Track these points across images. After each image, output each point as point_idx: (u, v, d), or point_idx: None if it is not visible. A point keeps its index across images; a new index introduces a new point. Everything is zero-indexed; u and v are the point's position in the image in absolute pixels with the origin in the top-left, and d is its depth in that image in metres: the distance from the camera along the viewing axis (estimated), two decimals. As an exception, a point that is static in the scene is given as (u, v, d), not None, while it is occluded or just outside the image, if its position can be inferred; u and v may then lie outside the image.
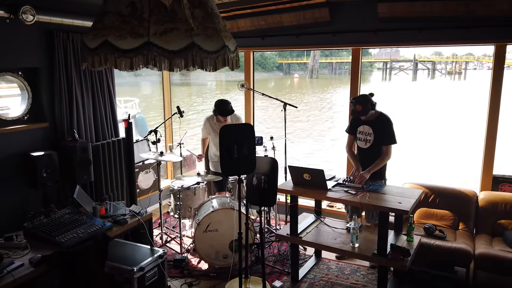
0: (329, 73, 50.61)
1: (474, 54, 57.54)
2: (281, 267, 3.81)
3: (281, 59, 47.39)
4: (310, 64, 42.86)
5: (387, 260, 3.12)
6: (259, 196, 2.71)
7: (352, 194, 3.34)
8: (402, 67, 54.12)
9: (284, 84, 40.62)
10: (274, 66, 47.56)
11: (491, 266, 3.32)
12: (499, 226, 3.69)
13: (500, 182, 3.96)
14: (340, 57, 53.39)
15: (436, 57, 55.76)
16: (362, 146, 3.82)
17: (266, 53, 44.88)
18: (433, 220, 3.90)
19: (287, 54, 47.28)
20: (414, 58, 51.79)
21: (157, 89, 20.09)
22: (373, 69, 56.89)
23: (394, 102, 22.67)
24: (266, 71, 44.98)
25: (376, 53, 61.53)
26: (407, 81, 46.18)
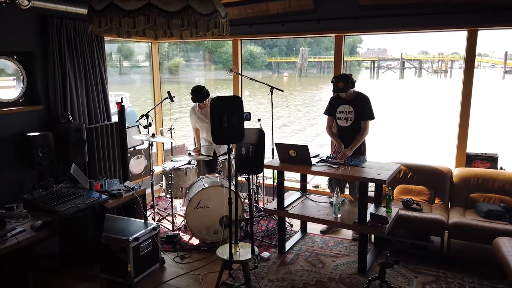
0: (317, 72, 51.05)
1: (460, 53, 58.62)
2: (269, 241, 4.01)
3: (270, 58, 47.61)
4: (298, 62, 43.17)
5: (367, 227, 3.35)
6: (247, 165, 2.90)
7: (335, 168, 3.56)
8: (390, 66, 54.83)
9: (274, 82, 40.92)
10: (263, 65, 47.76)
11: (463, 234, 3.57)
12: (471, 199, 3.95)
13: (473, 160, 4.22)
14: (329, 56, 53.93)
15: (423, 56, 56.70)
16: (343, 125, 4.04)
17: (255, 51, 45.09)
18: (411, 195, 4.14)
19: (275, 53, 47.57)
20: (401, 57, 52.50)
21: (148, 87, 20.13)
22: (361, 68, 57.58)
23: (382, 99, 23.21)
24: (255, 70, 45.16)
25: (364, 52, 62.31)
26: (394, 79, 46.85)
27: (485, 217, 3.64)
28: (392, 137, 12.45)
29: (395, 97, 24.67)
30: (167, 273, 3.48)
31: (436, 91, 28.47)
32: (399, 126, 14.57)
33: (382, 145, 11.59)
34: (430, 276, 3.34)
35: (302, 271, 3.47)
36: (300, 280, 3.31)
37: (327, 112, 4.17)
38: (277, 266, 3.55)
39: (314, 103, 22.73)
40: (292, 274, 3.41)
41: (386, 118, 16.68)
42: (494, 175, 3.94)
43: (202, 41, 34.63)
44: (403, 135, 13.03)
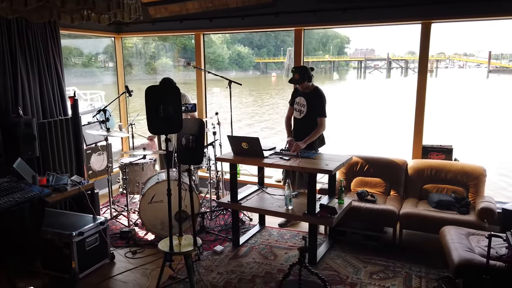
0: (305, 72, 51.15)
1: (446, 54, 59.44)
2: (225, 235, 3.98)
3: (258, 59, 47.68)
4: (286, 62, 43.17)
5: (316, 218, 3.34)
6: (188, 155, 2.87)
7: (286, 160, 3.55)
8: (377, 66, 55.26)
9: (262, 82, 40.92)
10: (251, 66, 47.81)
11: (414, 224, 3.59)
12: (425, 190, 3.98)
13: (429, 152, 4.24)
14: (316, 56, 54.20)
15: (409, 56, 57.25)
16: (297, 116, 4.05)
17: (243, 52, 45.13)
18: (368, 188, 4.15)
19: (264, 54, 47.65)
20: (387, 57, 52.93)
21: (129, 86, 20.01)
22: (349, 68, 57.99)
23: (368, 98, 23.47)
24: (243, 70, 45.16)
25: (352, 53, 62.75)
26: (381, 79, 47.25)
27: (435, 207, 3.66)
28: (369, 133, 12.77)
29: (381, 96, 24.90)
30: (115, 268, 3.43)
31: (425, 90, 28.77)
32: (377, 123, 14.78)
33: (355, 140, 11.87)
34: (379, 266, 3.34)
35: (253, 263, 3.45)
36: (250, 272, 3.29)
37: (290, 102, 4.20)
38: (229, 259, 3.53)
39: None
40: (243, 267, 3.39)
41: (365, 115, 16.89)
42: (447, 166, 3.96)
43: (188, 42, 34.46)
44: (380, 131, 13.24)
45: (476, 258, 2.69)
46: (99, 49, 30.88)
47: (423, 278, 3.14)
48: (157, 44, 33.70)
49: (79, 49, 26.57)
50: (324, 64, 53.92)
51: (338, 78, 47.73)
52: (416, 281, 3.11)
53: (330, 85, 36.62)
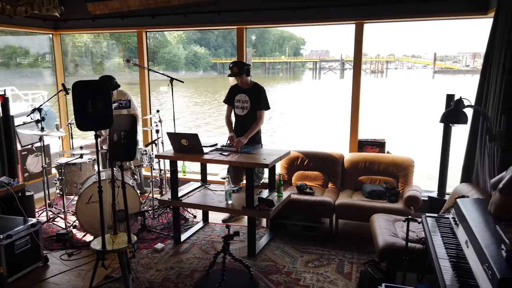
0: (262, 73, 51.78)
1: (395, 55, 62.34)
2: (167, 233, 3.97)
3: (215, 59, 47.48)
4: (243, 64, 43.32)
5: (254, 211, 3.42)
6: (120, 151, 2.84)
7: (225, 156, 3.60)
8: (331, 67, 56.84)
9: (219, 83, 40.84)
10: (208, 66, 47.53)
11: (348, 213, 3.77)
12: (360, 181, 4.19)
13: (364, 145, 4.47)
14: (273, 57, 54.88)
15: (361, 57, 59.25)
16: (240, 114, 4.11)
17: (199, 52, 44.78)
18: (308, 181, 4.31)
19: (221, 54, 47.54)
20: (341, 58, 54.56)
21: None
22: (305, 69, 59.26)
23: (321, 98, 24.14)
24: (199, 71, 44.79)
25: (308, 54, 64.16)
26: (335, 79, 48.69)
27: (368, 197, 3.87)
28: (320, 129, 13.16)
29: (333, 95, 25.68)
30: (49, 271, 3.31)
31: (373, 90, 29.96)
32: (328, 120, 15.23)
33: (305, 137, 12.23)
34: (315, 255, 3.48)
35: (194, 259, 3.47)
36: (189, 268, 3.30)
37: (225, 101, 4.23)
38: (169, 256, 3.52)
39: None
40: (183, 263, 3.40)
41: (318, 114, 17.37)
42: (379, 159, 4.19)
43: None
44: (330, 128, 13.66)
45: (398, 241, 2.88)
46: (47, 48, 29.43)
47: (354, 263, 3.31)
48: (109, 44, 32.63)
49: (25, 48, 25.17)
50: (281, 65, 54.74)
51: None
52: (348, 266, 3.27)
53: (286, 85, 37.29)
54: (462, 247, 2.16)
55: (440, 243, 2.26)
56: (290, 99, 24.72)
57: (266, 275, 3.13)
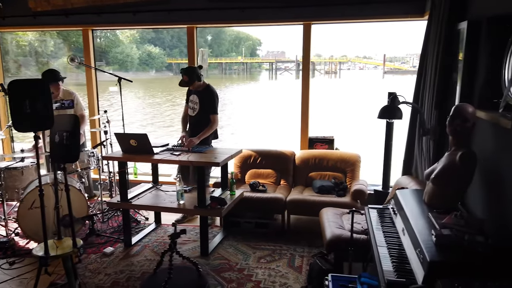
0: (219, 73, 51.61)
1: (348, 56, 64.55)
2: (118, 236, 3.86)
3: (170, 59, 46.66)
4: (198, 63, 42.94)
5: (206, 210, 3.42)
6: (62, 153, 2.74)
7: (176, 155, 3.57)
8: (287, 68, 57.72)
9: (175, 83, 40.19)
10: (163, 66, 46.63)
11: (299, 209, 3.88)
12: (310, 177, 4.31)
13: (314, 143, 4.60)
14: (229, 57, 54.85)
15: (316, 58, 60.96)
16: (191, 114, 4.10)
17: (154, 52, 43.80)
18: (261, 179, 4.37)
19: (176, 54, 46.81)
20: (296, 59, 55.54)
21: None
22: (262, 70, 59.77)
23: (277, 97, 24.45)
24: (154, 71, 43.82)
25: (264, 55, 64.76)
26: (291, 79, 49.52)
27: (318, 192, 4.00)
28: (276, 128, 13.35)
29: (289, 95, 26.14)
30: (-13, 281, 3.12)
31: (327, 90, 30.82)
32: (282, 119, 15.44)
33: (261, 136, 12.37)
34: (267, 250, 3.54)
35: (145, 261, 3.41)
36: (140, 270, 3.24)
37: (186, 100, 4.23)
38: (119, 260, 3.44)
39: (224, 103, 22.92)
40: (133, 265, 3.33)
41: (273, 113, 17.61)
42: (328, 155, 4.34)
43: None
44: (285, 126, 13.87)
45: (345, 233, 3.01)
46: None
47: (304, 257, 3.41)
48: (56, 43, 31.05)
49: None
50: (238, 66, 54.84)
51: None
52: (299, 260, 3.36)
53: (242, 85, 37.42)
54: (399, 235, 2.30)
55: (380, 232, 2.39)
56: (247, 99, 24.87)
57: (218, 273, 3.15)
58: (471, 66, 2.58)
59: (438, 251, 1.82)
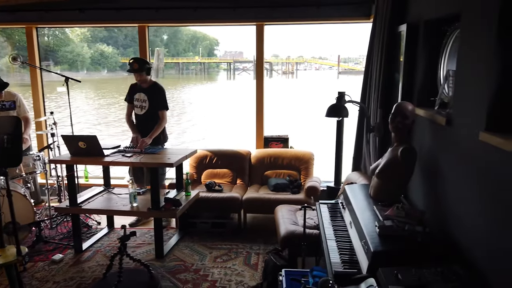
0: (176, 73, 50.82)
1: (304, 57, 65.91)
2: (67, 243, 3.71)
3: (124, 59, 45.28)
4: (154, 63, 41.87)
5: (160, 212, 3.37)
6: (3, 156, 2.59)
7: (128, 157, 3.49)
8: (245, 68, 57.91)
9: (129, 83, 39.04)
10: (117, 66, 45.21)
11: (255, 207, 3.92)
12: (266, 176, 4.37)
13: (269, 142, 4.67)
14: (186, 57, 54.14)
15: (273, 59, 61.69)
16: (138, 113, 4.02)
17: (107, 51, 42.32)
18: (217, 179, 4.37)
19: (131, 53, 45.51)
20: (254, 59, 55.67)
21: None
22: (219, 70, 59.56)
23: (237, 97, 24.48)
24: (108, 71, 42.35)
25: (222, 55, 64.58)
26: (249, 80, 49.74)
27: (273, 190, 4.06)
28: (233, 128, 13.40)
29: (247, 95, 26.26)
30: None
31: (284, 89, 31.27)
32: (240, 119, 15.49)
33: (218, 136, 12.36)
34: (224, 250, 3.55)
35: (97, 266, 3.30)
36: (91, 276, 3.14)
37: (126, 99, 4.10)
38: (69, 267, 3.30)
39: (177, 102, 22.53)
40: (84, 272, 3.21)
41: (231, 113, 17.64)
42: (283, 154, 4.43)
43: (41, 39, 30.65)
44: (243, 126, 13.91)
45: (298, 229, 3.08)
46: None
47: (260, 254, 3.46)
48: (0, 41, 29.16)
49: None
50: (195, 65, 54.27)
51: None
52: (255, 258, 3.40)
53: (200, 86, 37.10)
54: (347, 228, 2.40)
55: (330, 226, 2.49)
56: (205, 99, 24.69)
57: (174, 275, 3.11)
58: (411, 66, 2.74)
59: (381, 241, 1.92)
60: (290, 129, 10.13)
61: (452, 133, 2.01)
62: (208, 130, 13.87)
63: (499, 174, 1.55)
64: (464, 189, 1.88)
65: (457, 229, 1.96)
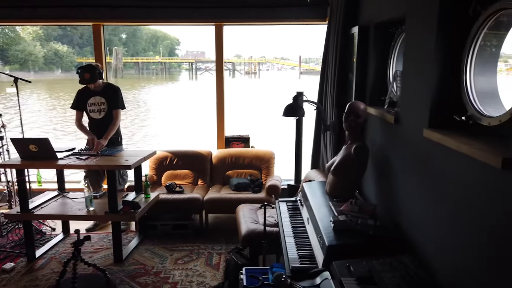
0: (136, 73, 49.58)
1: (266, 57, 66.46)
2: (19, 251, 3.53)
3: (80, 58, 43.62)
4: (113, 63, 40.77)
5: (118, 215, 3.29)
6: None
7: (83, 160, 3.38)
8: (208, 68, 57.51)
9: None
10: (73, 66, 43.47)
11: (216, 207, 3.92)
12: (227, 176, 4.38)
13: (230, 141, 4.68)
14: (146, 57, 52.94)
15: (236, 59, 61.73)
16: (96, 117, 3.90)
17: (62, 50, 40.57)
18: (178, 180, 4.32)
19: (87, 53, 43.89)
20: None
21: None
22: (181, 70, 58.75)
23: (199, 98, 24.25)
24: (63, 71, 40.60)
25: (184, 55, 63.78)
26: (211, 80, 49.44)
27: (235, 190, 4.08)
28: (195, 129, 13.32)
29: (209, 95, 26.10)
30: None
31: (246, 90, 31.36)
32: (202, 119, 15.30)
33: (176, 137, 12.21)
34: (185, 251, 3.53)
35: (51, 274, 3.17)
36: (45, 284, 3.01)
37: (74, 107, 3.93)
38: (21, 275, 3.15)
39: (137, 102, 21.92)
40: (38, 280, 3.08)
41: (193, 113, 17.49)
42: (244, 153, 4.46)
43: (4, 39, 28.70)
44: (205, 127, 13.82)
45: (259, 227, 3.12)
46: None
47: (222, 254, 3.47)
48: None
49: None
50: (156, 65, 53.20)
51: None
52: (216, 258, 3.41)
53: (162, 86, 36.44)
54: (305, 224, 2.46)
55: (288, 223, 2.54)
56: (166, 99, 24.30)
57: (133, 279, 3.05)
58: (363, 67, 2.85)
59: (335, 236, 2.00)
60: (252, 129, 10.21)
61: (400, 130, 2.12)
62: (169, 131, 13.67)
63: (441, 168, 1.66)
64: (411, 183, 1.99)
65: (405, 221, 2.07)
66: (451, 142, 1.51)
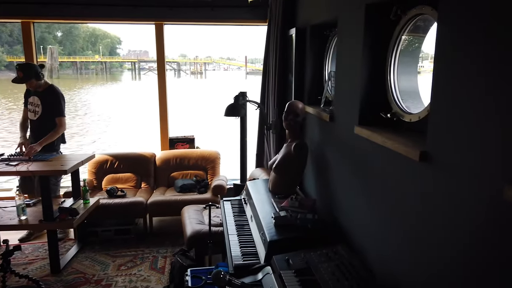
0: (73, 73, 47.00)
1: (212, 57, 66.17)
2: None
3: (10, 57, 40.46)
4: (47, 62, 38.17)
5: (53, 223, 3.12)
6: None
7: (13, 166, 3.16)
8: (151, 68, 55.93)
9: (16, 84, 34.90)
10: (2, 65, 40.24)
11: (161, 210, 3.84)
12: (172, 178, 4.32)
13: (175, 143, 4.62)
14: (85, 56, 50.36)
15: (181, 59, 60.77)
16: (32, 118, 3.67)
17: (-9, 49, 37.38)
18: (119, 184, 4.18)
19: (18, 52, 40.79)
20: (158, 59, 54.15)
21: None
22: (123, 70, 56.63)
23: (143, 98, 23.53)
24: (-9, 71, 37.44)
25: (126, 54, 61.57)
26: (155, 80, 48.16)
27: (180, 191, 4.03)
28: (133, 130, 12.89)
29: (152, 95, 25.44)
30: None
31: (192, 90, 30.99)
32: (146, 121, 14.87)
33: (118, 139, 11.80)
34: (128, 257, 3.42)
35: (-21, 291, 2.93)
36: (-28, 303, 2.78)
37: (24, 103, 3.73)
38: None
39: (74, 104, 20.72)
40: (-37, 299, 2.83)
41: (136, 114, 16.98)
42: (189, 154, 4.42)
43: None
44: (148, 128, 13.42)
45: (204, 228, 3.11)
46: None
47: (168, 257, 3.42)
48: None
49: None
50: (95, 65, 50.81)
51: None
52: (162, 261, 3.35)
53: (102, 87, 34.87)
54: (248, 222, 2.51)
55: (232, 222, 2.57)
56: (107, 101, 23.32)
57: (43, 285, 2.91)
58: (301, 67, 2.96)
59: (276, 231, 2.06)
60: (197, 130, 10.14)
61: (335, 128, 2.24)
62: (109, 133, 13.13)
63: (370, 162, 1.78)
64: (345, 176, 2.11)
65: (339, 213, 2.19)
66: (378, 138, 1.62)
